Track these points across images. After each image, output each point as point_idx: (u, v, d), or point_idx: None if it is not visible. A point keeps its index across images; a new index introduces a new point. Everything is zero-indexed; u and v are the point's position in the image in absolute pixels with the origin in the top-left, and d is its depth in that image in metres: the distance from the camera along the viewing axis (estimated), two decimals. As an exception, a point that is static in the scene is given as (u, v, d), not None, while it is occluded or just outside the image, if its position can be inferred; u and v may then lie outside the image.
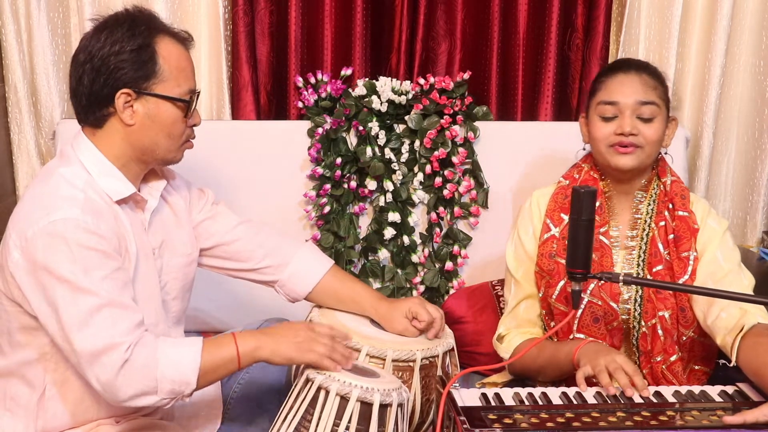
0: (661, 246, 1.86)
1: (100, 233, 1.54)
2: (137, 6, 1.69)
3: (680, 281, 1.82)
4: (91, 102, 1.63)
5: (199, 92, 1.71)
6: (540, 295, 1.91)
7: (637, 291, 1.86)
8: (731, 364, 1.69)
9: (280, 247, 1.94)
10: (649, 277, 1.85)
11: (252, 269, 1.93)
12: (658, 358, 1.83)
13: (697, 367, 1.88)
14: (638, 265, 1.87)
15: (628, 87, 1.82)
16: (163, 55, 1.63)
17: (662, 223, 1.87)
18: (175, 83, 1.65)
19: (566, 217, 1.89)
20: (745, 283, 1.82)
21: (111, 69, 1.60)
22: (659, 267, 1.85)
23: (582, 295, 1.83)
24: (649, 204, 1.89)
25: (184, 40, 1.71)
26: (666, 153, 1.93)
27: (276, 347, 1.59)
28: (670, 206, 1.88)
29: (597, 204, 1.87)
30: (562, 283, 1.86)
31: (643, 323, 1.83)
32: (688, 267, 1.83)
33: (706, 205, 1.91)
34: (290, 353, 1.59)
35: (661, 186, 1.90)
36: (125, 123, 1.63)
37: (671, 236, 1.86)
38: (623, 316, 1.86)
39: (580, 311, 1.84)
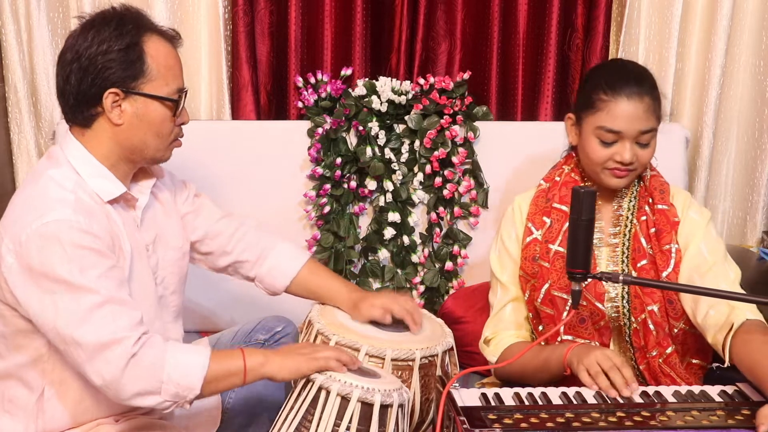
0: (643, 240, 1.86)
1: (94, 232, 1.54)
2: (124, 4, 1.68)
3: (663, 274, 1.82)
4: (79, 102, 1.62)
5: (186, 90, 1.70)
6: (526, 298, 1.91)
7: (623, 288, 1.86)
8: (725, 365, 1.69)
9: (258, 242, 1.96)
10: (633, 273, 1.85)
11: (232, 263, 1.94)
12: (654, 353, 1.83)
13: (694, 361, 1.88)
14: (623, 261, 1.87)
15: (632, 115, 1.78)
16: (151, 54, 1.62)
17: (643, 218, 1.87)
18: (164, 82, 1.64)
19: (548, 220, 1.90)
20: (731, 276, 1.81)
21: (98, 68, 1.59)
22: (643, 262, 1.85)
23: (565, 297, 1.83)
24: (630, 200, 1.90)
25: (172, 38, 1.69)
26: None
27: (283, 361, 1.59)
28: (650, 200, 1.88)
29: None
30: (546, 286, 1.86)
31: (633, 319, 1.83)
32: (671, 260, 1.83)
33: (688, 197, 1.91)
34: (298, 364, 1.58)
35: (642, 181, 1.90)
36: (113, 123, 1.62)
37: (653, 230, 1.86)
38: (613, 314, 1.86)
39: (565, 314, 1.84)
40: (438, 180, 2.53)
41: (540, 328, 1.89)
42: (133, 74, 1.61)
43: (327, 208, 2.52)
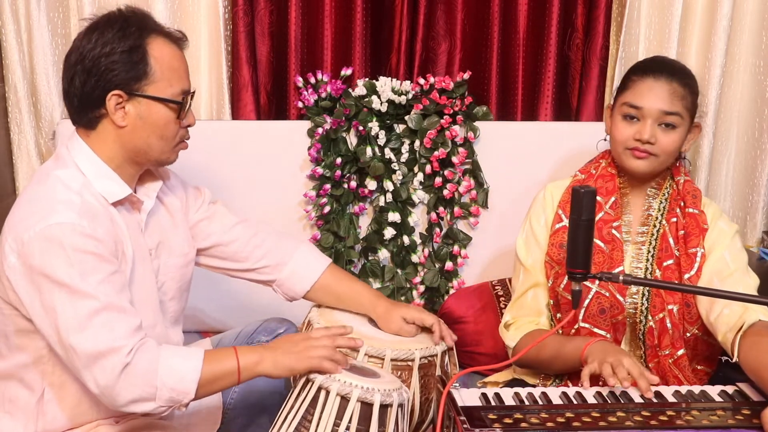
0: (672, 241, 1.87)
1: (97, 237, 1.54)
2: (130, 6, 1.67)
3: (686, 276, 1.84)
4: (83, 103, 1.62)
5: (193, 92, 1.69)
6: (549, 284, 1.91)
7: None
8: (733, 360, 1.69)
9: (278, 247, 1.94)
10: (658, 272, 1.86)
11: (250, 269, 1.93)
12: (666, 352, 1.83)
13: (699, 367, 1.88)
14: (647, 260, 1.88)
15: (655, 94, 1.81)
16: (155, 55, 1.62)
17: (674, 220, 1.88)
18: (167, 84, 1.63)
19: None
20: (751, 283, 1.83)
21: (102, 70, 1.58)
22: (669, 262, 1.86)
23: (590, 285, 1.84)
24: (661, 201, 1.90)
25: (178, 39, 1.69)
26: (684, 158, 1.94)
27: (276, 359, 1.59)
28: (682, 204, 1.89)
29: (612, 199, 1.88)
30: None
31: (650, 317, 1.84)
32: (695, 263, 1.84)
33: (718, 209, 1.93)
34: (290, 363, 1.58)
35: (674, 185, 1.91)
36: (117, 125, 1.62)
37: (681, 232, 1.87)
38: (630, 310, 1.86)
39: (587, 301, 1.84)
40: (438, 180, 2.53)
41: (558, 315, 1.90)
42: (136, 76, 1.60)
43: (327, 208, 2.52)
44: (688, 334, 1.84)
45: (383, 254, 2.58)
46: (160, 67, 1.62)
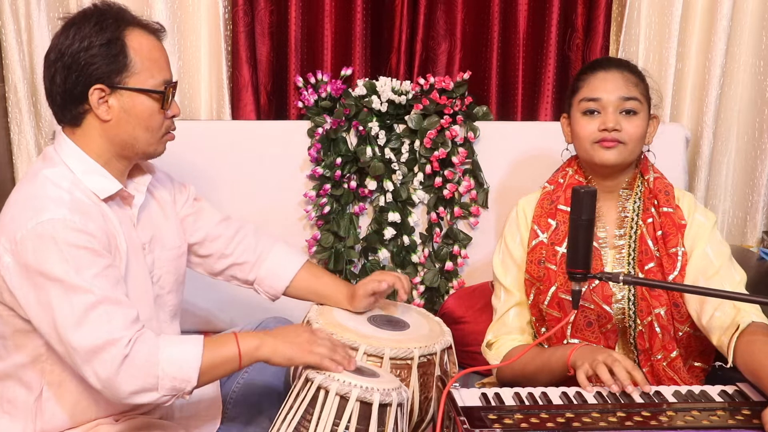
0: (650, 243, 1.86)
1: (89, 231, 1.54)
2: (105, 1, 1.67)
3: (670, 277, 1.82)
4: (66, 101, 1.62)
5: (175, 82, 1.69)
6: (530, 301, 1.91)
7: (630, 290, 1.85)
8: (728, 365, 1.69)
9: (257, 245, 1.96)
10: (641, 275, 1.85)
11: (229, 266, 1.94)
12: (659, 356, 1.82)
13: (696, 364, 1.88)
14: (629, 263, 1.86)
15: (610, 83, 1.83)
16: (134, 47, 1.62)
17: (650, 220, 1.87)
18: (149, 75, 1.63)
19: (553, 223, 1.89)
20: (737, 278, 1.81)
21: (82, 65, 1.59)
22: (651, 264, 1.84)
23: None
24: (635, 202, 1.89)
25: (156, 31, 1.69)
26: (648, 150, 1.93)
27: (277, 347, 1.60)
28: (655, 203, 1.88)
29: None
30: (553, 288, 1.85)
31: (639, 321, 1.83)
32: (677, 263, 1.82)
33: (693, 199, 1.91)
34: (291, 353, 1.59)
35: (645, 183, 1.90)
36: (102, 119, 1.62)
37: (659, 233, 1.86)
38: (618, 316, 1.85)
39: (572, 316, 1.83)
40: (438, 180, 2.53)
41: (543, 330, 1.89)
42: (116, 69, 1.60)
43: (327, 208, 2.52)
44: (680, 333, 1.83)
45: (383, 254, 2.57)
46: (140, 59, 1.62)
